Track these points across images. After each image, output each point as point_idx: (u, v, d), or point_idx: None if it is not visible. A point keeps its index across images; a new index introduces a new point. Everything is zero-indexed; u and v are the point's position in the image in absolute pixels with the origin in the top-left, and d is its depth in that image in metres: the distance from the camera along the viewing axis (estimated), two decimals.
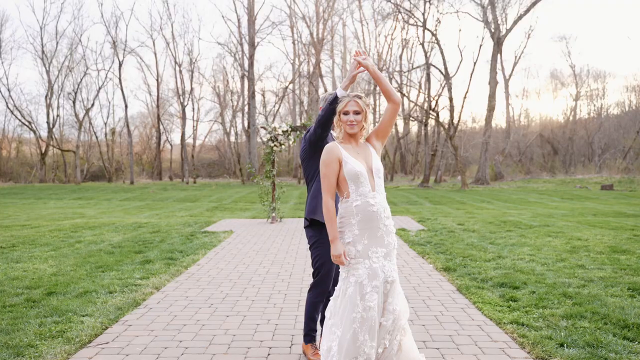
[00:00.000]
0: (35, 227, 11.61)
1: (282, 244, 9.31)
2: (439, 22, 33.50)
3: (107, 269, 6.93)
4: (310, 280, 4.84)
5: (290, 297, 5.72)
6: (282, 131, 11.46)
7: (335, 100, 3.40)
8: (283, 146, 11.70)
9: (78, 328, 4.52)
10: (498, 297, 5.46)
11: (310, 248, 3.92)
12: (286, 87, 45.48)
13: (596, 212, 14.84)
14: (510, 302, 5.27)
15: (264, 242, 9.54)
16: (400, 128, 46.64)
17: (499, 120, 50.10)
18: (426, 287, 6.07)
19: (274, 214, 12.42)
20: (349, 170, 3.25)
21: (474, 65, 34.14)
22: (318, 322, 4.02)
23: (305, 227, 3.94)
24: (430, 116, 35.34)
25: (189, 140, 47.20)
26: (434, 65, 35.37)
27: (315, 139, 3.71)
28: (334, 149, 3.29)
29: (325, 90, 39.75)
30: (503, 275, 6.39)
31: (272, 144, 11.60)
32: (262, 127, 12.01)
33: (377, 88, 35.29)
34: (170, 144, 51.16)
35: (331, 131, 3.71)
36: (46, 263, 7.39)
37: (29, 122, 43.33)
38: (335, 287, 3.39)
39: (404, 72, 38.93)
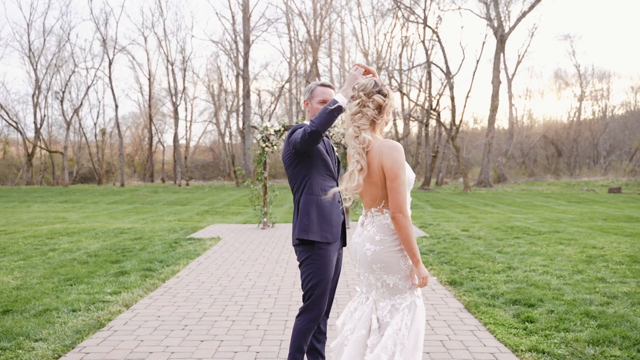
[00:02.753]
0: (11, 233, 10.92)
1: (272, 252, 8.63)
2: (440, 19, 32.84)
3: (77, 282, 6.29)
4: (301, 295, 4.17)
5: (276, 316, 5.05)
6: (274, 131, 10.75)
7: (339, 109, 2.91)
8: (275, 147, 11.00)
9: (25, 357, 3.89)
10: (512, 317, 4.80)
11: (300, 266, 3.28)
12: (282, 87, 44.81)
13: (607, 217, 14.17)
14: (527, 323, 4.62)
15: (253, 250, 8.85)
16: (400, 129, 45.93)
17: (502, 121, 49.52)
18: (430, 305, 5.39)
19: (265, 219, 11.74)
20: (410, 176, 2.67)
21: (477, 63, 33.55)
22: (305, 355, 3.36)
23: (294, 245, 3.29)
24: (431, 116, 34.66)
25: (182, 141, 46.52)
26: (434, 64, 34.69)
27: (305, 146, 3.11)
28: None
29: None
30: (515, 290, 5.72)
31: (264, 145, 10.91)
32: (252, 127, 11.30)
33: None
34: (163, 145, 50.37)
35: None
36: (11, 275, 6.73)
37: (16, 123, 42.29)
38: (392, 319, 2.71)
39: (404, 71, 38.27)
